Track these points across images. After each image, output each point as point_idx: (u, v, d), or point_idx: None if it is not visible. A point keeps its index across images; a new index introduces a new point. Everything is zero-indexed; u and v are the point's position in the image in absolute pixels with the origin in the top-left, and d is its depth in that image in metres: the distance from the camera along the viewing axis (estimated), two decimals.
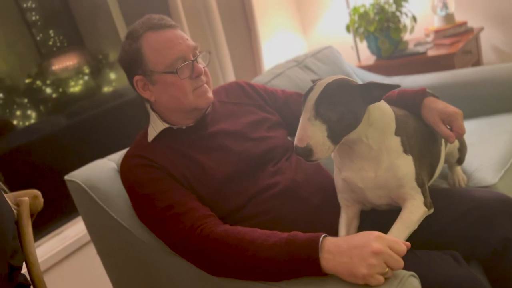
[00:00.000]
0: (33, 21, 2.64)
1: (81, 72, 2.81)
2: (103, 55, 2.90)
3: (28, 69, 2.54)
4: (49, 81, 2.65)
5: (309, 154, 0.90)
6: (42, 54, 2.68)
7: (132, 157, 1.15)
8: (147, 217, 1.10)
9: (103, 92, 2.83)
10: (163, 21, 1.14)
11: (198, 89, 1.14)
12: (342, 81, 0.96)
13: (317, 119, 0.91)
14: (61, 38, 2.75)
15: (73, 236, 1.79)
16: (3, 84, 2.37)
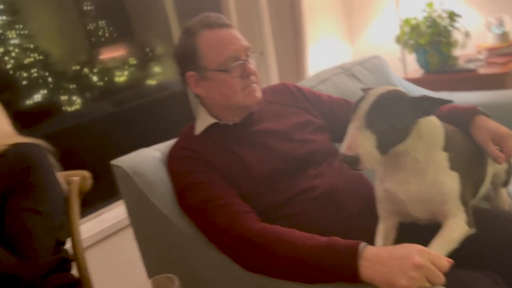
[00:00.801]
0: (86, 10, 2.74)
1: (127, 63, 2.89)
2: (150, 48, 2.98)
3: (77, 56, 2.64)
4: (96, 69, 2.74)
5: (356, 163, 0.91)
6: (92, 43, 2.78)
7: (179, 148, 1.19)
8: (188, 206, 1.13)
9: (147, 84, 2.91)
10: (220, 20, 1.17)
11: (247, 88, 1.16)
12: (395, 93, 0.96)
13: (367, 128, 0.91)
14: (110, 29, 2.84)
15: (112, 219, 1.85)
16: (53, 69, 2.46)
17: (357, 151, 0.90)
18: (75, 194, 1.16)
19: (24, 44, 2.35)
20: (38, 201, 1.00)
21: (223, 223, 1.04)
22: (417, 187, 1.01)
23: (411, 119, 0.95)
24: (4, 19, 2.26)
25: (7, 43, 2.27)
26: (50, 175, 1.06)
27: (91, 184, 1.23)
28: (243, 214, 1.05)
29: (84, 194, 1.22)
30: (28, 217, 0.98)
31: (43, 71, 2.40)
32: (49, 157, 1.08)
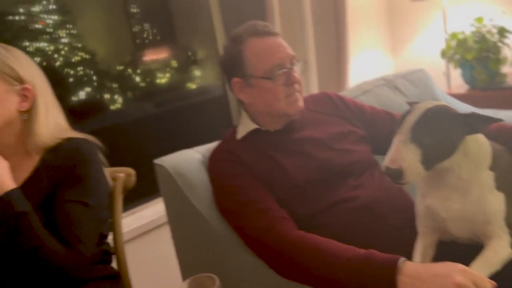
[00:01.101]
0: (133, 13, 2.83)
1: (169, 66, 2.96)
2: (192, 52, 3.04)
3: (122, 57, 2.72)
4: (139, 70, 2.81)
5: (399, 176, 0.90)
6: (137, 44, 2.86)
7: (221, 151, 1.21)
8: (226, 209, 1.15)
9: (187, 87, 2.96)
10: (267, 28, 1.19)
11: (290, 97, 1.18)
12: (442, 108, 0.94)
13: (412, 142, 0.90)
14: (155, 31, 2.92)
15: (149, 217, 1.90)
16: (98, 68, 2.55)
17: (400, 164, 0.89)
18: (119, 190, 1.21)
19: (73, 43, 2.45)
20: (86, 194, 1.05)
21: (261, 227, 1.05)
22: (460, 205, 0.99)
23: (458, 135, 0.94)
24: (56, 18, 2.36)
25: (58, 41, 2.37)
26: (98, 170, 1.11)
27: (135, 181, 1.27)
28: (281, 220, 1.06)
29: (128, 190, 1.26)
30: (76, 208, 1.02)
31: (89, 69, 2.49)
32: (98, 153, 1.13)
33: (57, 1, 2.33)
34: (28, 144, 1.06)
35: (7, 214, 0.95)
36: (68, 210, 1.02)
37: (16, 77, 1.04)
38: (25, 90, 1.06)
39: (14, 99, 1.04)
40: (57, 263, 0.97)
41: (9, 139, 1.06)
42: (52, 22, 2.35)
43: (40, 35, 2.29)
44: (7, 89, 1.03)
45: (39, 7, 2.29)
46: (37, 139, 1.06)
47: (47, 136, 1.07)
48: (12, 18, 2.11)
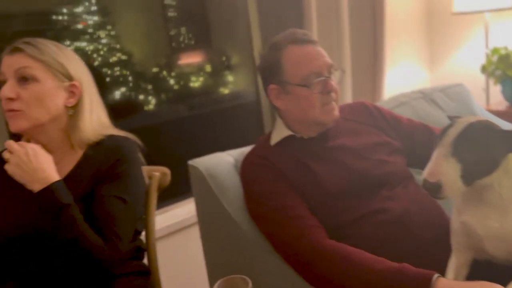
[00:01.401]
0: (170, 17, 2.88)
1: (202, 70, 3.00)
2: (226, 57, 3.07)
3: (157, 59, 2.77)
4: (173, 73, 2.86)
5: (437, 190, 0.88)
6: (172, 48, 2.91)
7: (254, 156, 1.22)
8: (257, 214, 1.16)
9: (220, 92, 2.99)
10: (306, 36, 1.20)
11: (326, 106, 1.18)
12: (485, 123, 0.93)
13: (453, 156, 0.89)
14: (190, 35, 2.97)
15: (179, 216, 1.94)
16: (134, 69, 2.61)
17: (440, 178, 0.88)
18: (154, 188, 1.23)
19: (111, 44, 2.51)
20: (125, 191, 1.08)
21: (292, 234, 1.05)
22: (499, 224, 0.96)
23: (501, 152, 0.91)
24: (97, 19, 2.43)
25: (97, 42, 2.44)
26: (137, 168, 1.14)
27: (169, 180, 1.29)
28: (313, 228, 1.06)
29: (162, 189, 1.28)
30: (115, 203, 1.05)
31: (125, 70, 2.55)
32: (138, 152, 1.16)
33: (98, 3, 2.40)
34: (73, 139, 1.10)
35: (51, 205, 0.98)
36: (107, 205, 1.05)
37: (65, 73, 1.08)
38: (73, 86, 1.10)
39: (62, 95, 1.09)
40: (95, 255, 0.99)
41: (55, 133, 1.10)
42: (92, 23, 2.42)
43: (81, 35, 2.37)
44: (57, 84, 1.08)
45: (81, 8, 2.37)
46: (81, 134, 1.10)
47: (91, 132, 1.11)
48: (56, 17, 2.19)
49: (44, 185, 0.99)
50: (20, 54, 1.04)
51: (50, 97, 1.06)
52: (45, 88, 1.05)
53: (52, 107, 1.07)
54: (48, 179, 1.00)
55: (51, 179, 1.00)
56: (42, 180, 0.99)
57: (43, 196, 0.99)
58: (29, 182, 0.99)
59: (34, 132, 1.08)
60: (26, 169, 0.98)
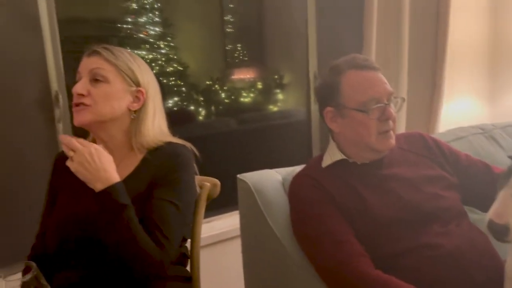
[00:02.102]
0: (227, 32, 2.95)
1: (254, 87, 3.04)
2: (279, 76, 3.10)
3: (211, 72, 2.83)
4: (225, 87, 2.92)
5: (505, 233, 0.85)
6: (227, 62, 2.98)
7: (305, 176, 1.21)
8: (303, 235, 1.15)
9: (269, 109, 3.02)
10: (367, 62, 1.19)
11: (383, 134, 1.16)
12: None
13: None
14: (245, 52, 3.02)
15: (220, 228, 1.95)
16: (188, 81, 2.68)
17: (508, 220, 0.84)
18: (204, 198, 1.26)
19: (169, 54, 2.60)
20: (178, 196, 1.11)
21: (338, 260, 1.03)
22: None
23: None
24: (158, 30, 2.53)
25: (157, 51, 2.53)
26: (191, 176, 1.17)
27: (218, 192, 1.31)
28: (359, 256, 1.03)
29: (210, 200, 1.30)
30: (168, 208, 1.08)
31: (180, 80, 2.63)
32: (193, 160, 1.19)
33: (161, 15, 2.50)
34: (133, 142, 1.16)
35: (110, 205, 1.03)
36: (159, 208, 1.08)
37: (134, 79, 1.16)
38: (139, 92, 1.17)
39: (127, 98, 1.16)
40: (146, 257, 1.02)
41: (116, 132, 1.16)
42: (154, 33, 2.52)
43: (142, 44, 2.47)
44: (125, 88, 1.15)
45: (145, 19, 2.47)
46: (142, 139, 1.15)
47: (151, 138, 1.16)
48: (120, 26, 2.30)
49: (106, 185, 1.03)
50: (97, 56, 1.13)
51: (117, 98, 1.13)
52: (114, 89, 1.13)
53: (117, 107, 1.13)
54: (110, 180, 1.04)
55: (113, 179, 1.05)
56: (104, 180, 1.04)
57: (103, 196, 1.03)
58: (91, 180, 1.04)
59: (96, 128, 1.15)
60: (89, 168, 1.03)
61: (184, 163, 1.15)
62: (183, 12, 2.66)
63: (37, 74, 1.70)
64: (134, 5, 2.38)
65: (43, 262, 1.04)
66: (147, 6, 2.47)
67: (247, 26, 3.04)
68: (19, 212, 1.68)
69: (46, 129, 1.70)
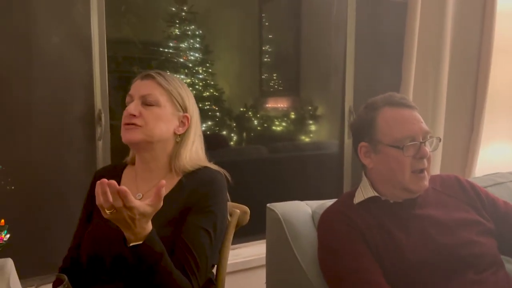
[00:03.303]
0: (264, 61, 3.01)
1: (287, 116, 3.06)
2: (312, 107, 3.11)
3: (246, 99, 2.87)
4: (259, 114, 2.94)
5: None
6: (262, 91, 3.01)
7: (336, 211, 1.21)
8: (330, 271, 1.13)
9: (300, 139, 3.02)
10: (404, 100, 1.20)
11: (417, 174, 1.14)
12: None
13: None
14: (280, 82, 3.06)
15: (245, 256, 1.94)
16: (222, 106, 2.72)
17: None
18: (233, 225, 1.26)
19: (207, 79, 2.66)
20: (212, 224, 1.13)
21: None
22: None
23: None
24: (197, 56, 2.60)
25: (195, 76, 2.60)
26: (224, 203, 1.19)
27: (247, 219, 1.32)
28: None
29: (239, 227, 1.31)
30: (202, 235, 1.10)
31: (215, 105, 2.68)
32: (226, 187, 1.21)
33: (202, 42, 2.58)
34: (173, 164, 1.19)
35: (147, 256, 1.00)
36: (194, 235, 1.10)
37: (183, 105, 1.22)
38: (185, 117, 1.22)
39: (175, 122, 1.21)
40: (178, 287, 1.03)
41: (160, 154, 1.20)
42: (193, 59, 2.59)
43: (181, 68, 2.55)
44: (174, 112, 1.20)
45: (186, 44, 2.55)
46: (180, 162, 1.19)
47: (188, 161, 1.19)
48: (162, 49, 2.39)
49: (140, 240, 0.99)
50: (151, 80, 1.19)
51: (166, 120, 1.18)
52: (164, 112, 1.18)
53: (165, 129, 1.18)
54: (146, 231, 1.00)
55: (148, 229, 1.00)
56: (138, 235, 0.99)
57: (139, 249, 0.99)
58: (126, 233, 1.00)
59: (143, 148, 1.18)
60: (125, 226, 0.97)
61: (218, 190, 1.17)
62: (223, 40, 2.73)
63: (84, 92, 1.78)
64: (177, 30, 2.47)
65: (74, 275, 1.06)
66: (189, 33, 2.56)
67: (284, 56, 3.09)
68: (56, 224, 1.73)
69: (87, 145, 1.77)
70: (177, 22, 2.48)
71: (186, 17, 2.51)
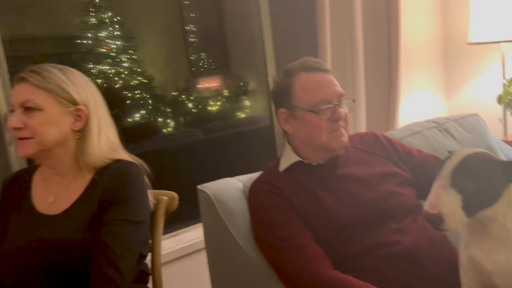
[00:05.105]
0: (191, 42, 2.96)
1: (220, 95, 3.05)
2: (244, 83, 3.12)
3: (177, 83, 2.83)
4: (192, 97, 2.91)
5: (439, 222, 0.88)
6: (192, 72, 2.98)
7: (262, 182, 1.22)
8: (263, 242, 1.15)
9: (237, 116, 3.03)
10: (318, 64, 1.22)
11: (334, 132, 1.18)
12: (483, 154, 0.93)
13: (452, 187, 0.88)
14: (210, 61, 3.03)
15: (187, 241, 1.94)
16: (154, 92, 2.67)
17: (440, 210, 0.87)
18: (162, 212, 1.25)
19: (133, 67, 2.59)
20: (132, 213, 1.10)
21: (297, 265, 1.04)
22: (506, 258, 0.94)
23: (501, 183, 0.91)
24: (119, 44, 2.51)
25: (120, 65, 2.52)
26: (143, 191, 1.16)
27: (176, 204, 1.30)
28: (317, 259, 1.05)
29: (170, 213, 1.30)
30: (122, 226, 1.07)
31: (145, 93, 2.61)
32: (143, 176, 1.18)
33: (122, 28, 2.49)
34: (81, 162, 1.13)
35: None
36: (114, 229, 1.06)
37: (70, 99, 1.11)
38: (78, 111, 1.12)
39: (67, 120, 1.11)
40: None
41: (64, 157, 1.13)
42: (115, 47, 2.50)
43: (104, 59, 2.45)
44: (61, 110, 1.10)
45: (105, 33, 2.45)
46: (88, 158, 1.12)
47: (97, 156, 1.13)
48: (81, 42, 2.28)
49: None
50: (25, 84, 1.08)
51: (55, 123, 1.09)
52: (50, 115, 1.08)
53: (57, 132, 1.09)
54: None
55: None
56: None
57: None
58: None
59: (42, 157, 1.11)
60: None
61: (133, 180, 1.13)
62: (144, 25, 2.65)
63: None
64: (94, 20, 2.36)
65: None
66: (107, 21, 2.46)
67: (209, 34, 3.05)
68: None
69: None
70: (92, 10, 2.37)
71: (101, 4, 2.40)
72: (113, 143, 1.17)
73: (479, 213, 0.91)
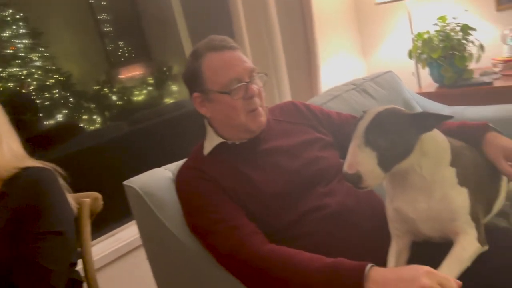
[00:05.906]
0: (106, 32, 2.82)
1: (145, 83, 2.96)
2: (167, 68, 3.04)
3: (97, 76, 2.70)
4: (115, 89, 2.80)
5: (358, 181, 0.91)
6: (112, 63, 2.86)
7: (188, 169, 1.20)
8: (197, 228, 1.14)
9: (165, 103, 2.96)
10: (224, 42, 1.18)
11: (252, 112, 1.17)
12: (393, 110, 0.97)
13: (367, 146, 0.91)
14: (129, 49, 2.92)
15: (126, 238, 1.88)
16: (74, 89, 2.53)
17: (357, 168, 0.90)
18: (86, 216, 1.19)
19: (46, 66, 2.43)
20: (52, 223, 1.04)
21: (231, 246, 1.04)
22: (426, 205, 1.00)
23: (412, 135, 0.95)
24: (27, 42, 2.34)
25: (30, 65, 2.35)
26: (60, 198, 1.09)
27: (102, 205, 1.25)
28: (251, 236, 1.05)
29: (95, 215, 1.24)
30: (45, 239, 1.01)
31: (64, 91, 2.47)
32: (59, 180, 1.11)
33: (27, 25, 2.32)
34: None
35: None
36: (39, 244, 1.01)
37: None
38: None
39: None
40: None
41: None
42: (23, 46, 2.33)
43: (12, 60, 2.28)
44: None
45: (9, 32, 2.28)
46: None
47: (3, 167, 1.05)
48: None
49: None
50: None
51: None
52: None
53: None
54: None
55: None
56: None
57: None
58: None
59: None
60: None
61: (47, 188, 1.07)
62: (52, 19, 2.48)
63: None
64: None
65: None
66: (8, 18, 2.27)
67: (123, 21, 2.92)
68: None
69: None
70: None
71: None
72: (17, 153, 1.10)
73: (395, 167, 0.95)
